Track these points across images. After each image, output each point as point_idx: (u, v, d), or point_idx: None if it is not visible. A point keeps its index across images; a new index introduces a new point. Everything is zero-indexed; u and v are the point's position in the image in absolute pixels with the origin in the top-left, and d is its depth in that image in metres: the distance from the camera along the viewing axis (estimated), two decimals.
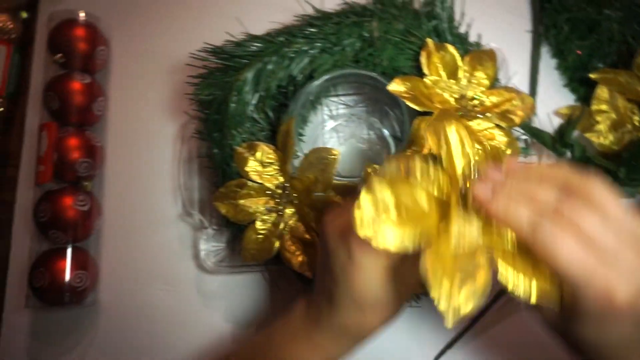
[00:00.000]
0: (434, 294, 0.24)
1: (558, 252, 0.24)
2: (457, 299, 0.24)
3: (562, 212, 0.24)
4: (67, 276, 0.45)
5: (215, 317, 0.48)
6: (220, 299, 0.48)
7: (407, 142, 0.40)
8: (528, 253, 0.25)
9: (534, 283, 0.24)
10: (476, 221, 0.26)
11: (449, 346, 0.46)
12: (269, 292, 0.48)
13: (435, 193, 0.26)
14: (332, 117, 0.51)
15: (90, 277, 0.47)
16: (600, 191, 0.25)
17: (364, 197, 0.25)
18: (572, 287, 0.24)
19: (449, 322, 0.24)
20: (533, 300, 0.24)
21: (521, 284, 0.24)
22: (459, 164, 0.26)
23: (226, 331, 0.48)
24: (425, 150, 0.36)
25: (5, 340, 0.50)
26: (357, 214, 0.25)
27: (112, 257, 0.51)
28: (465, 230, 0.26)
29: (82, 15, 0.51)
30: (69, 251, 0.46)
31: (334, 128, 0.51)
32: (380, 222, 0.25)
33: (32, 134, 0.53)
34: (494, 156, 0.28)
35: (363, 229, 0.25)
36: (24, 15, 0.57)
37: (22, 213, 0.52)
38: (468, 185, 0.27)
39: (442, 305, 0.24)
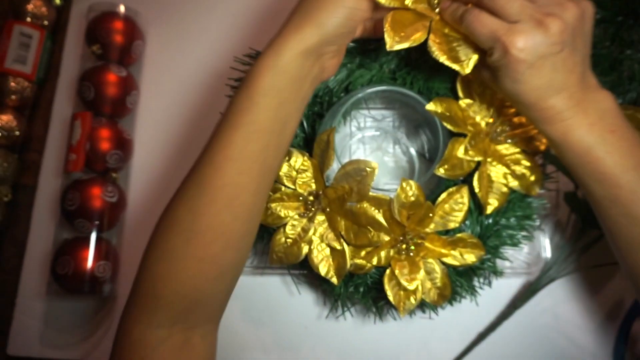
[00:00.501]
0: (387, 38, 0.35)
1: (474, 26, 0.33)
2: (401, 44, 0.35)
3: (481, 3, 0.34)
4: (91, 266, 0.46)
5: (232, 316, 0.49)
6: (239, 299, 0.49)
7: (441, 160, 0.41)
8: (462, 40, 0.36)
9: (473, 57, 0.35)
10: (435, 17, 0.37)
11: (458, 359, 0.48)
12: (288, 296, 0.49)
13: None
14: (359, 129, 0.52)
15: (112, 269, 0.48)
16: None
17: None
18: (489, 50, 0.33)
19: (387, 46, 0.35)
20: (469, 69, 0.35)
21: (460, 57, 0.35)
22: None
23: (243, 331, 0.49)
24: None
25: (18, 325, 0.49)
26: None
27: (132, 250, 0.51)
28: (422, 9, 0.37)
29: (122, 8, 0.51)
30: (93, 241, 0.47)
31: (360, 139, 0.52)
32: None
33: (60, 121, 0.53)
34: None
35: None
36: (58, 1, 0.57)
37: (43, 199, 0.52)
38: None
39: (387, 45, 0.35)
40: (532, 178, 0.43)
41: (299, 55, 0.34)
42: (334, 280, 0.42)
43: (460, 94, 0.44)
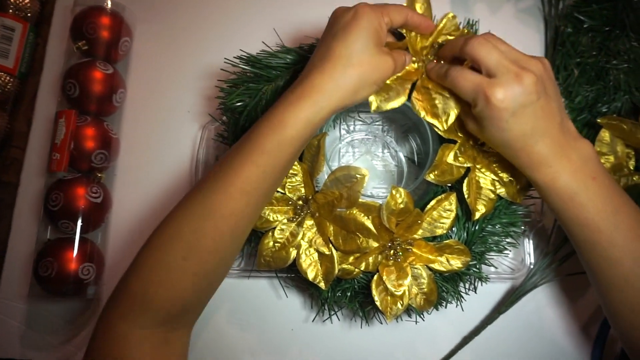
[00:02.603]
0: (371, 101, 0.40)
1: (458, 80, 0.37)
2: (386, 105, 0.40)
3: (463, 54, 0.37)
4: (75, 268, 0.45)
5: (219, 319, 0.49)
6: (226, 302, 0.49)
7: (431, 166, 0.42)
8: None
9: (451, 113, 0.40)
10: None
11: None
12: (275, 299, 0.49)
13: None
14: (349, 132, 0.52)
15: (96, 270, 0.47)
16: (491, 36, 0.37)
17: None
18: (473, 101, 0.36)
19: (372, 109, 0.40)
20: (447, 125, 0.40)
21: (447, 111, 0.40)
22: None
23: (230, 334, 0.49)
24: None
25: None
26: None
27: (117, 251, 0.50)
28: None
29: (109, 3, 0.50)
30: (77, 242, 0.46)
31: (349, 143, 0.52)
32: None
33: (44, 118, 0.52)
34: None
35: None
36: None
37: (26, 197, 0.51)
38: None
39: (372, 108, 0.40)
40: (518, 186, 0.44)
41: (331, 112, 0.36)
42: (322, 285, 0.42)
43: None
